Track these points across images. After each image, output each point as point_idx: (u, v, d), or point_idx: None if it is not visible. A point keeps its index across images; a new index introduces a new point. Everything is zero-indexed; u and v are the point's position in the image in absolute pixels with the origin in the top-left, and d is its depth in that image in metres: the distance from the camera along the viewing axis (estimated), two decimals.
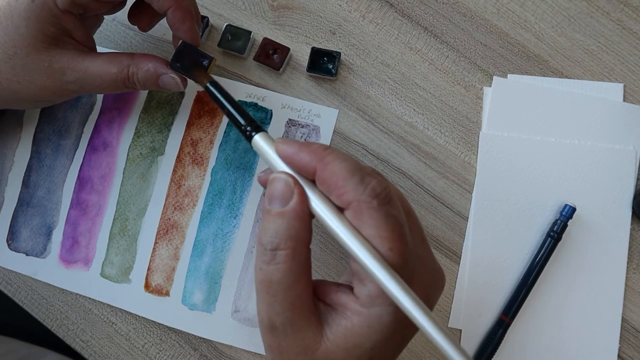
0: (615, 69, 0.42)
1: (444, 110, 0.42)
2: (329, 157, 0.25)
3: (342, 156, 0.25)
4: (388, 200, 0.24)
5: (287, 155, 0.26)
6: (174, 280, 0.41)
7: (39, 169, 0.43)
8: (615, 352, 0.39)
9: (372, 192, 0.24)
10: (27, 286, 0.42)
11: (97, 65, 0.35)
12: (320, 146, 0.26)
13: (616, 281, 0.39)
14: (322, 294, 0.27)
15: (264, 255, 0.25)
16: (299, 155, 0.26)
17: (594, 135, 0.41)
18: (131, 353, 0.41)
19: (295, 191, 0.26)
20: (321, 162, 0.25)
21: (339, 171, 0.24)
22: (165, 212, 0.42)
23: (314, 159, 0.25)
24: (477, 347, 0.39)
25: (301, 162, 0.26)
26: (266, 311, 0.26)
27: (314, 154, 0.25)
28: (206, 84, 0.34)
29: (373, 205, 0.24)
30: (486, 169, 0.41)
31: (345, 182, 0.24)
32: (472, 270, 0.40)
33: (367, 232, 0.24)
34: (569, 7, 0.42)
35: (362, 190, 0.24)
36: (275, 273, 0.25)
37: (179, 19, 0.36)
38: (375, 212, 0.24)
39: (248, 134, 0.30)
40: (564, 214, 0.38)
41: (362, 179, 0.24)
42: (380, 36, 0.43)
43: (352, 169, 0.24)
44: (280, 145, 0.27)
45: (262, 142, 0.29)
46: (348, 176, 0.24)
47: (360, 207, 0.24)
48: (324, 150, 0.25)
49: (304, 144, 0.26)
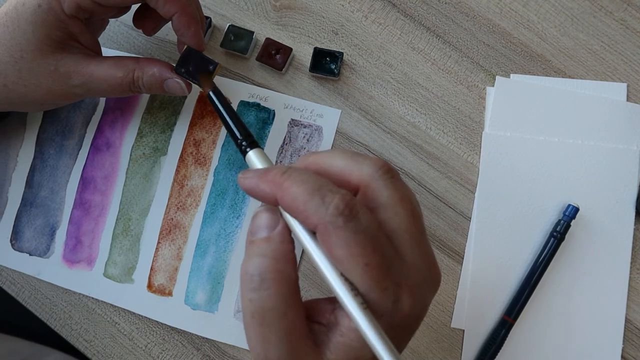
0: (618, 68, 0.41)
1: (447, 110, 0.42)
2: (286, 182, 0.24)
3: (300, 178, 0.24)
4: (354, 214, 0.23)
5: (249, 190, 0.26)
6: (176, 280, 0.41)
7: (42, 169, 0.43)
8: (619, 353, 0.38)
9: (335, 211, 0.23)
10: (31, 286, 0.42)
11: (103, 69, 0.35)
12: (278, 171, 0.25)
13: (619, 281, 0.39)
14: (315, 314, 0.26)
15: (252, 282, 0.24)
16: (259, 187, 0.25)
17: (597, 135, 0.41)
18: (134, 353, 0.41)
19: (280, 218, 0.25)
20: (280, 190, 0.24)
21: (298, 195, 0.23)
22: (168, 212, 0.42)
23: (273, 188, 0.25)
24: (480, 348, 0.39)
25: (263, 194, 0.25)
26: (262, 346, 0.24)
27: (272, 182, 0.25)
28: (208, 92, 0.34)
29: (339, 224, 0.23)
30: (489, 169, 0.41)
31: (305, 205, 0.23)
32: (474, 271, 0.40)
33: (339, 253, 0.23)
34: (572, 6, 0.42)
35: (324, 211, 0.23)
36: (267, 300, 0.24)
37: (185, 24, 0.36)
38: (342, 232, 0.23)
39: (243, 149, 0.30)
40: (567, 214, 0.38)
41: (323, 198, 0.23)
42: (383, 36, 0.43)
43: (311, 190, 0.23)
44: (242, 181, 0.26)
45: (254, 160, 0.29)
46: (308, 199, 0.23)
47: (327, 229, 0.23)
48: (281, 176, 0.25)
49: (263, 173, 0.26)
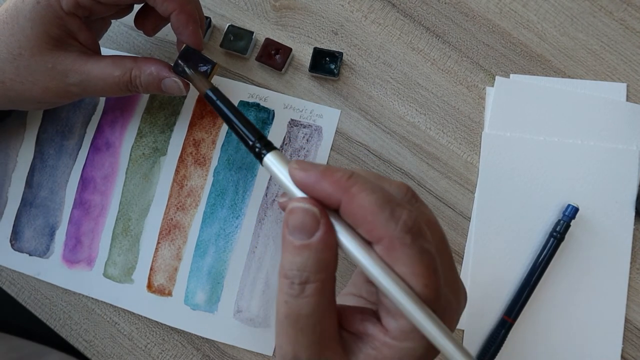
0: (618, 68, 0.41)
1: (447, 111, 0.42)
2: (354, 187, 0.23)
3: (369, 187, 0.23)
4: (421, 233, 0.23)
5: (306, 185, 0.24)
6: (176, 280, 0.41)
7: (42, 169, 0.43)
8: (619, 353, 0.38)
9: (404, 227, 0.22)
10: (31, 286, 0.42)
11: (100, 68, 0.35)
12: (344, 174, 0.23)
13: (619, 281, 0.39)
14: (345, 322, 0.26)
15: (291, 288, 0.23)
16: (320, 185, 0.24)
17: (597, 135, 0.41)
18: (134, 353, 0.41)
19: (322, 221, 0.24)
20: (347, 194, 0.23)
21: (367, 205, 0.23)
22: (168, 213, 0.42)
23: (338, 190, 0.23)
24: (480, 348, 0.39)
25: (323, 193, 0.24)
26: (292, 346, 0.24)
27: (337, 184, 0.23)
28: (206, 92, 0.32)
29: (406, 242, 0.22)
30: (489, 169, 0.41)
31: (374, 216, 0.22)
32: (474, 271, 0.40)
33: (401, 270, 0.23)
34: (572, 6, 0.42)
35: (393, 225, 0.22)
36: (304, 307, 0.23)
37: (183, 23, 0.36)
38: (408, 249, 0.22)
39: (257, 152, 0.27)
40: (566, 214, 0.38)
41: (393, 212, 0.22)
42: (383, 36, 0.43)
43: (381, 201, 0.23)
44: (296, 172, 0.24)
45: (277, 163, 0.26)
46: (378, 210, 0.22)
47: (393, 244, 0.22)
48: (348, 180, 0.23)
49: (325, 171, 0.24)
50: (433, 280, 0.23)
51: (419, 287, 0.23)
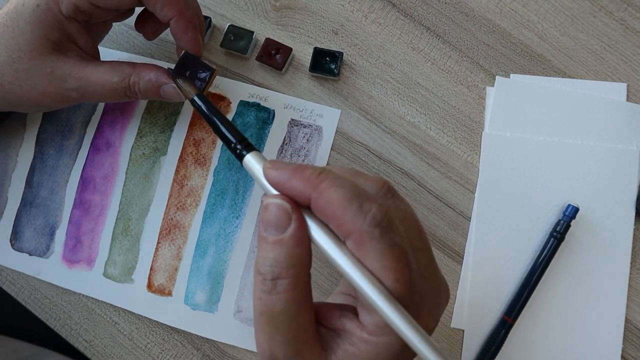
0: (618, 68, 0.41)
1: (447, 110, 0.42)
2: (323, 184, 0.23)
3: (338, 182, 0.23)
4: (390, 227, 0.23)
5: (278, 183, 0.25)
6: (176, 280, 0.41)
7: (42, 169, 0.43)
8: (619, 353, 0.38)
9: (372, 221, 0.22)
10: (31, 286, 0.42)
11: (99, 73, 0.35)
12: (314, 171, 0.24)
13: (619, 281, 0.39)
14: (323, 319, 0.26)
15: (264, 284, 0.24)
16: (291, 182, 0.24)
17: (597, 135, 0.41)
18: (134, 353, 0.41)
19: (294, 217, 0.24)
20: (316, 190, 0.23)
21: (335, 200, 0.23)
22: (168, 212, 0.42)
23: (308, 187, 0.24)
24: (480, 348, 0.39)
25: (294, 191, 0.24)
26: (268, 343, 0.24)
27: (307, 181, 0.24)
28: (192, 97, 0.33)
29: (375, 235, 0.22)
30: (489, 169, 0.41)
31: (343, 211, 0.23)
32: (474, 271, 0.40)
33: (371, 264, 0.23)
34: (572, 6, 0.42)
35: (361, 219, 0.22)
36: (277, 303, 0.24)
37: (182, 29, 0.36)
38: (377, 243, 0.22)
39: (238, 153, 0.28)
40: (567, 214, 0.38)
41: (361, 206, 0.23)
42: (383, 36, 0.43)
43: (349, 196, 0.23)
44: (269, 171, 0.25)
45: (255, 163, 0.27)
46: (346, 205, 0.23)
47: (362, 238, 0.23)
48: (317, 176, 0.24)
49: (296, 169, 0.24)
50: (405, 274, 0.23)
51: (389, 282, 0.23)
